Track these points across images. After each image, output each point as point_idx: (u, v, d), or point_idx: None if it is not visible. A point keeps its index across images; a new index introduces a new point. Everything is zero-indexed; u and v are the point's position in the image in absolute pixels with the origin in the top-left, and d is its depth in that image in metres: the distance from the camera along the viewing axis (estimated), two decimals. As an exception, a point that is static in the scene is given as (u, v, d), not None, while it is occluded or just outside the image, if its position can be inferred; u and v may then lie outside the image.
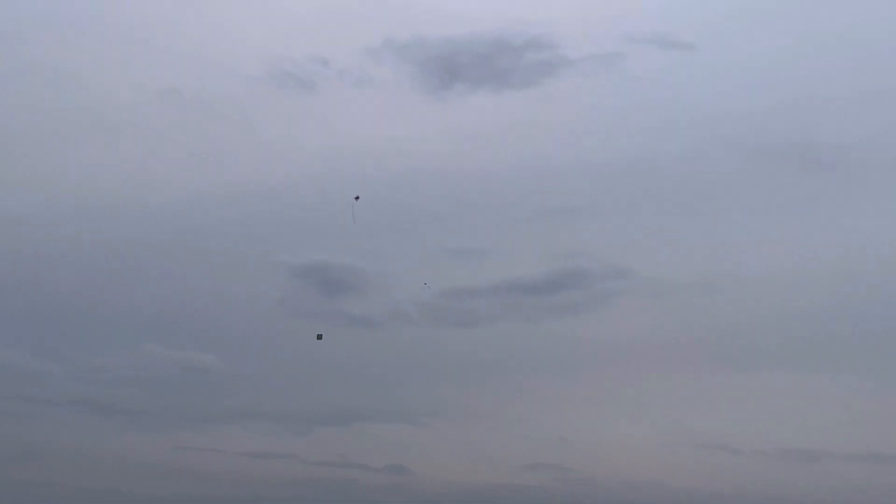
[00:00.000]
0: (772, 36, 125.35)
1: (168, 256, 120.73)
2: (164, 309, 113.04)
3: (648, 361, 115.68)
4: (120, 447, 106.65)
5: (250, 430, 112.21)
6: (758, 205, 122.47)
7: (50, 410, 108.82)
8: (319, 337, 79.04)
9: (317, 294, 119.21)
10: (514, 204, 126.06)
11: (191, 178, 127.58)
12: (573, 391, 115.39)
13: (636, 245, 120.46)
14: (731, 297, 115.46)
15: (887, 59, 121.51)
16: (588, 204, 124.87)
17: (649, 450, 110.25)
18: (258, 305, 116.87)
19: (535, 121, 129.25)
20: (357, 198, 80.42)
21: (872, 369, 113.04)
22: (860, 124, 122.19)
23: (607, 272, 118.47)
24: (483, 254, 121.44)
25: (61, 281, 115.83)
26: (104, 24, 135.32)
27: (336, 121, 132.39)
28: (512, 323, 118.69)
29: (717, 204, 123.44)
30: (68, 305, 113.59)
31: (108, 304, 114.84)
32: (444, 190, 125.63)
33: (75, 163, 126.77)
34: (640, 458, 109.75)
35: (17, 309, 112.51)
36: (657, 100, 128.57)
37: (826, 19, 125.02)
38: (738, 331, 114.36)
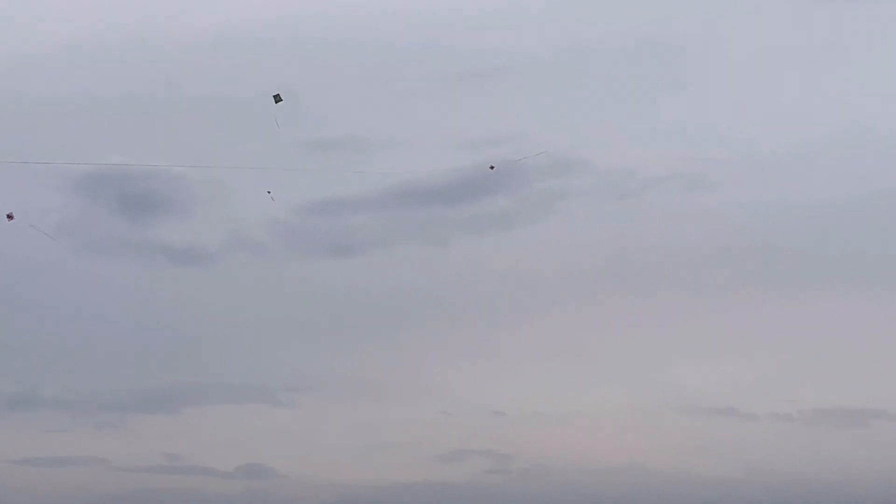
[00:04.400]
0: None
1: None
2: None
3: (612, 295, 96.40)
4: None
5: (28, 426, 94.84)
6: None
7: None
8: (278, 99, 64.51)
9: (113, 215, 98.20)
10: (405, 69, 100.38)
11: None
12: (505, 343, 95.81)
13: (590, 126, 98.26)
14: (727, 194, 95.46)
15: None
16: (518, 65, 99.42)
17: (621, 420, 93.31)
18: (26, 234, 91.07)
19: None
20: None
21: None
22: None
23: (549, 166, 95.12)
24: (362, 146, 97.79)
25: None
26: None
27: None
28: (409, 246, 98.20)
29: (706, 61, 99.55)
30: None
31: None
32: (302, 59, 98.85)
33: None
34: (609, 432, 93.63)
35: None
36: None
37: None
38: (742, 243, 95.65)
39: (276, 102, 68.13)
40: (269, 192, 79.05)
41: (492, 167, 72.37)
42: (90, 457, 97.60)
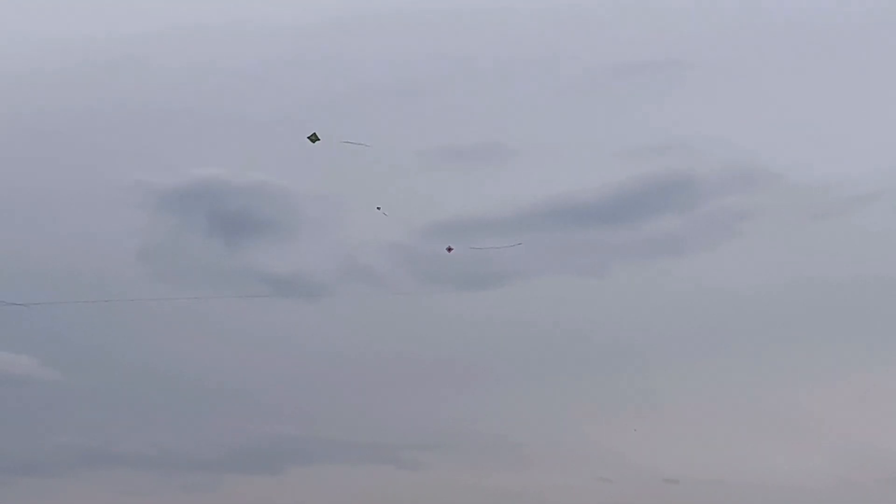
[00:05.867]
0: None
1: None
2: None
3: (810, 338, 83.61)
4: None
5: (103, 487, 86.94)
6: None
7: None
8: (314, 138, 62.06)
9: (206, 238, 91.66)
10: (550, 62, 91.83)
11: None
12: (678, 395, 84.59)
13: (779, 130, 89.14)
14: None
15: None
16: (688, 55, 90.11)
17: (820, 493, 79.70)
18: (104, 262, 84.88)
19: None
20: None
21: None
22: None
23: (729, 178, 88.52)
24: (502, 155, 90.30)
25: None
26: None
27: None
28: (559, 276, 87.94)
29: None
30: None
31: None
32: (428, 54, 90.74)
33: None
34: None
35: None
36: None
37: None
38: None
39: (313, 142, 62.68)
40: (378, 208, 71.15)
41: (449, 249, 69.47)
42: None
